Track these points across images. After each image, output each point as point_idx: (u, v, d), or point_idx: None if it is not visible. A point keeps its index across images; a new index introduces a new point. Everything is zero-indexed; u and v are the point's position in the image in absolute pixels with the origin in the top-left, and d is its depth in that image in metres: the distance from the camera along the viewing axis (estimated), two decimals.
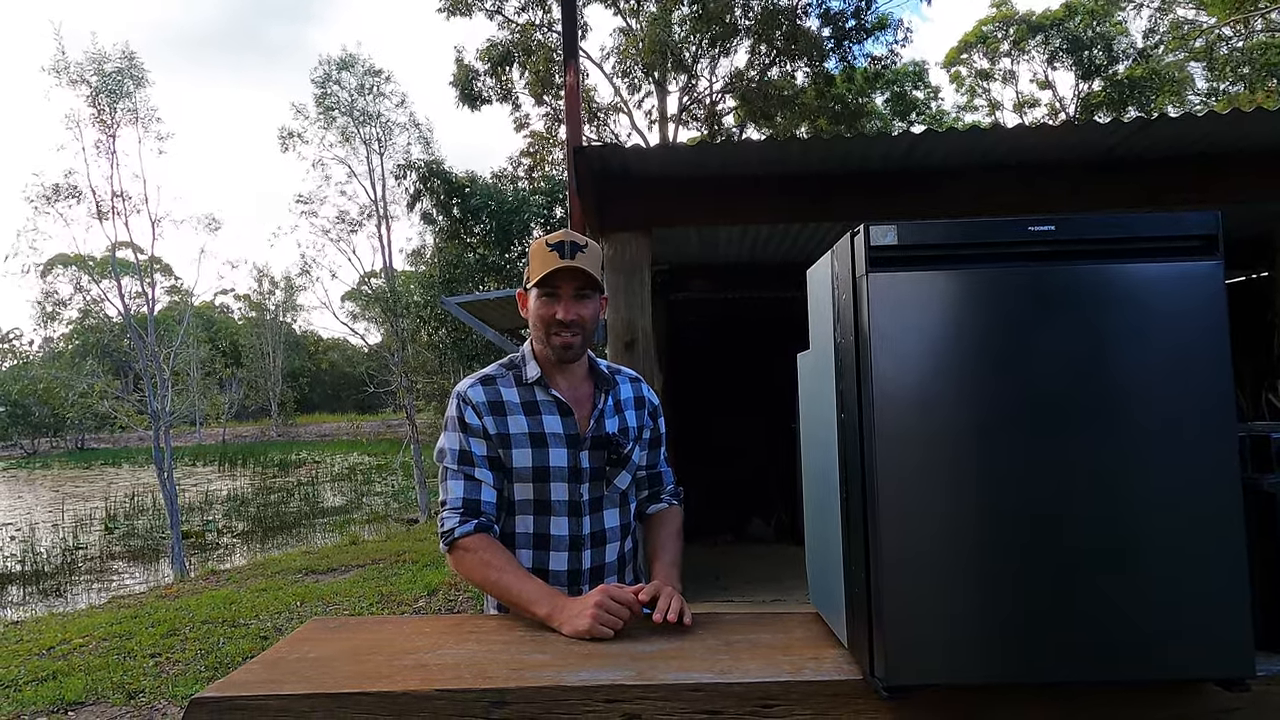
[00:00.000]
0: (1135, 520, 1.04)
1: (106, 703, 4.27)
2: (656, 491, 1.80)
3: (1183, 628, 1.03)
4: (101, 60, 11.30)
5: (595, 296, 1.65)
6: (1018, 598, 1.04)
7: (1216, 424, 1.04)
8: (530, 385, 1.66)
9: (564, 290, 1.62)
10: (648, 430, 1.77)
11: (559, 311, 1.61)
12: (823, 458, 1.35)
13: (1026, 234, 1.09)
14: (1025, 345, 1.07)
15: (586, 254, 1.62)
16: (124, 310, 10.87)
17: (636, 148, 3.07)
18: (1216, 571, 1.03)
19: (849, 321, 1.16)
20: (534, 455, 1.61)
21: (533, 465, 1.61)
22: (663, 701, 1.14)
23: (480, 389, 1.65)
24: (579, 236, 1.64)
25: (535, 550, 1.64)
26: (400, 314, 13.58)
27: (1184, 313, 1.06)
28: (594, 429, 1.66)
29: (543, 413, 1.64)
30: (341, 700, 1.15)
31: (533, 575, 1.54)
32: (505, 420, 1.62)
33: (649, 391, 1.82)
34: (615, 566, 1.69)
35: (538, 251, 1.63)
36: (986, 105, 29.32)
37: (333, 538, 11.81)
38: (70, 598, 8.86)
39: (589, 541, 1.65)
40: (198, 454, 26.98)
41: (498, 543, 1.59)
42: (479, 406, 1.62)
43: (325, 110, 16.06)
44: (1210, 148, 3.34)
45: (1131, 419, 1.05)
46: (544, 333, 1.64)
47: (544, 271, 1.59)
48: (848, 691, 1.15)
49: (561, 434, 1.63)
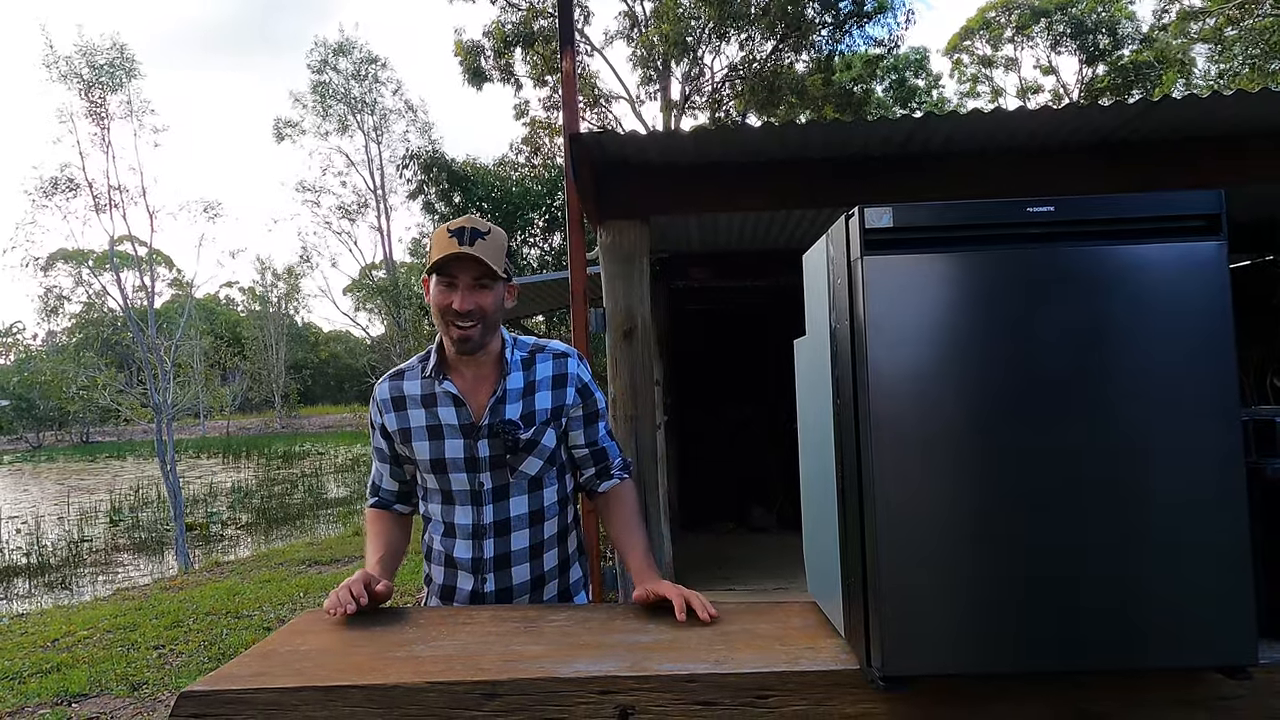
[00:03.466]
0: (1136, 506, 1.02)
1: (110, 695, 4.28)
2: (605, 468, 1.74)
3: (1184, 615, 1.01)
4: (92, 53, 11.23)
5: (497, 285, 1.60)
6: (1016, 586, 1.02)
7: (1220, 408, 1.02)
8: (430, 378, 1.66)
9: (461, 279, 1.57)
10: (577, 409, 1.70)
11: (455, 301, 1.57)
12: (819, 445, 1.33)
13: (1025, 215, 1.06)
14: (1023, 329, 1.04)
15: (487, 241, 1.57)
16: (124, 304, 10.87)
17: (634, 134, 3.03)
18: (1219, 558, 1.02)
19: (844, 306, 1.13)
20: (431, 448, 1.64)
21: (430, 457, 1.64)
22: (657, 693, 1.13)
23: (387, 385, 1.71)
24: (481, 223, 1.60)
25: (444, 538, 1.68)
26: (403, 305, 13.57)
27: (1186, 294, 1.04)
28: (489, 417, 1.63)
29: (439, 404, 1.65)
30: (331, 693, 1.14)
31: (380, 549, 1.68)
32: (406, 414, 1.67)
33: (577, 367, 1.72)
34: (526, 554, 1.66)
35: (439, 237, 1.59)
36: (989, 92, 29.11)
37: (336, 529, 11.84)
38: (75, 590, 8.89)
39: (491, 530, 1.64)
40: (202, 446, 27.05)
41: (383, 515, 1.76)
42: (381, 404, 1.70)
43: (321, 98, 16.00)
44: (1212, 130, 3.30)
45: (1133, 403, 1.03)
46: (442, 323, 1.61)
47: (439, 257, 1.55)
48: (844, 681, 1.13)
49: (456, 424, 1.64)
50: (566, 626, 1.39)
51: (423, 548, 1.78)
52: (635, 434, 3.33)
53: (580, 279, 3.35)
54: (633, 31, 17.24)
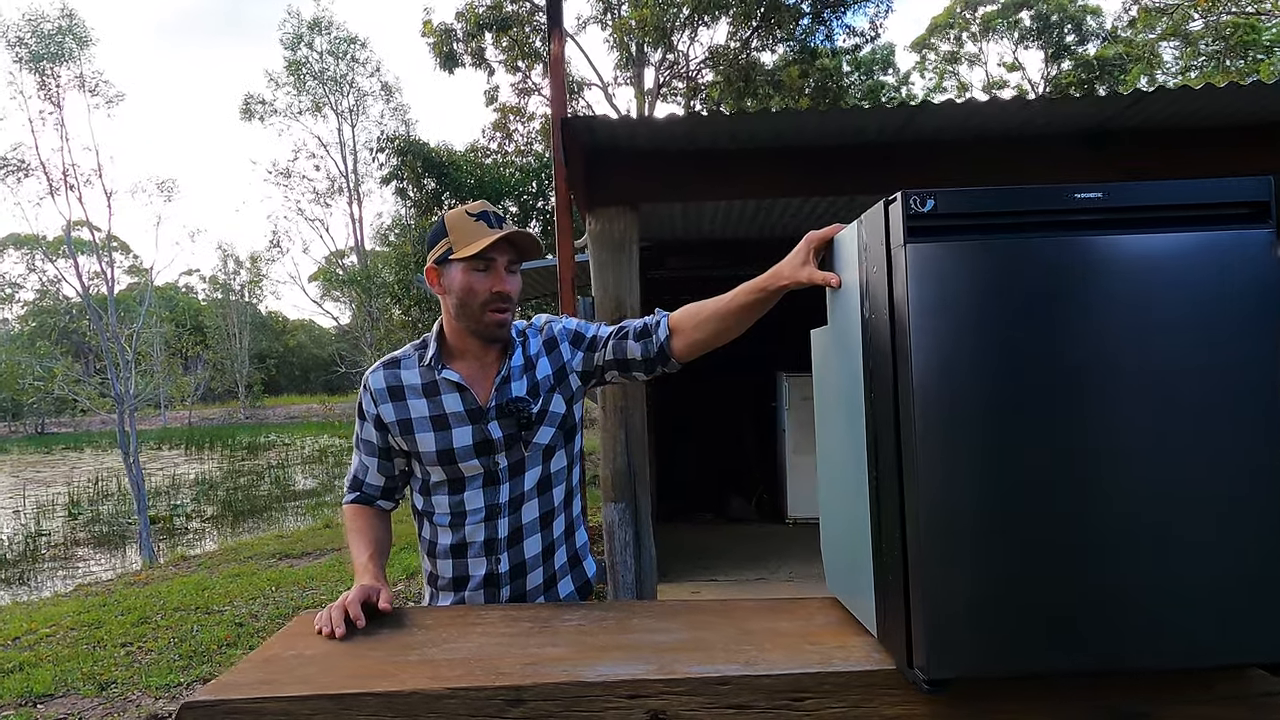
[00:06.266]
0: (1183, 500, 1.00)
1: (77, 694, 4.14)
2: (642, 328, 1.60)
3: (1229, 612, 1.00)
4: (39, 20, 10.77)
5: (519, 272, 1.61)
6: (1064, 584, 1.00)
7: (1268, 400, 1.00)
8: (430, 366, 1.61)
9: (499, 261, 1.55)
10: (578, 350, 1.64)
11: (497, 284, 1.54)
12: (843, 438, 1.30)
13: (1072, 201, 1.03)
14: (1069, 318, 1.01)
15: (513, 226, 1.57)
16: (83, 290, 10.52)
17: (626, 119, 2.97)
18: (1263, 554, 1.00)
19: (880, 295, 1.09)
20: (437, 439, 1.58)
21: (436, 449, 1.58)
22: (688, 696, 1.09)
23: (381, 374, 1.64)
24: (496, 209, 1.59)
25: (452, 527, 1.62)
26: (375, 294, 13.33)
27: (1234, 282, 1.01)
28: (496, 397, 1.59)
29: (442, 392, 1.60)
30: (345, 701, 1.08)
31: (368, 546, 1.57)
32: (405, 405, 1.61)
33: (559, 326, 1.67)
34: (537, 524, 1.62)
35: (460, 222, 1.55)
36: (956, 88, 29.40)
37: (305, 521, 11.62)
38: (35, 586, 8.62)
39: (506, 509, 1.60)
40: (163, 437, 26.40)
41: (366, 511, 1.66)
42: (376, 394, 1.62)
43: (296, 76, 15.60)
44: (1187, 121, 3.33)
45: (1180, 395, 1.00)
46: (478, 308, 1.56)
47: (480, 242, 1.51)
48: (881, 682, 1.10)
49: (462, 411, 1.59)
50: (583, 626, 1.35)
51: (421, 545, 1.71)
52: (625, 425, 3.28)
53: (568, 266, 3.29)
54: (605, 16, 17.05)
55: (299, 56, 16.09)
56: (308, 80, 16.02)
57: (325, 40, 15.88)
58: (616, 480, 3.23)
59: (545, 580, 1.66)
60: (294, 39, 16.18)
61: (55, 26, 10.67)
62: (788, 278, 1.39)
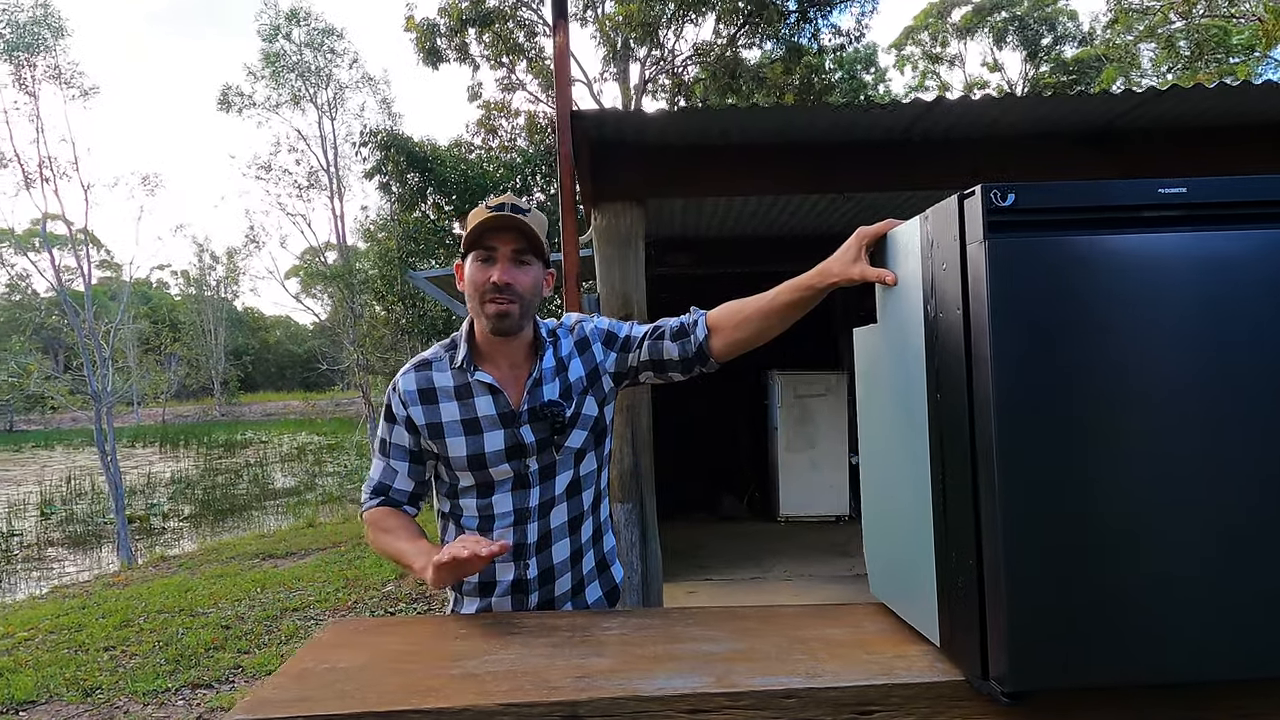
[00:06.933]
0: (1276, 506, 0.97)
1: (61, 700, 4.02)
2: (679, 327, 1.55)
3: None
4: (13, 10, 10.49)
5: (535, 265, 1.53)
6: (1153, 591, 0.96)
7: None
8: (461, 369, 1.55)
9: (500, 251, 1.49)
10: (610, 352, 1.59)
11: (494, 274, 1.47)
12: (897, 440, 1.26)
13: (1156, 196, 1.00)
14: (1157, 316, 0.98)
15: (528, 217, 1.49)
16: (58, 285, 10.26)
17: (637, 112, 2.93)
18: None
19: (951, 293, 1.05)
20: (469, 443, 1.53)
21: (467, 453, 1.53)
22: (753, 710, 1.04)
23: (412, 376, 1.58)
24: (520, 201, 1.51)
25: (480, 532, 1.56)
26: (357, 290, 13.15)
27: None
28: (528, 400, 1.54)
29: (475, 395, 1.54)
30: (392, 719, 1.02)
31: (414, 535, 1.53)
32: (436, 408, 1.55)
33: (591, 325, 1.62)
34: (566, 529, 1.58)
35: (475, 214, 1.51)
36: (936, 88, 29.62)
37: (286, 520, 11.46)
38: (8, 588, 8.41)
39: (535, 513, 1.55)
40: (137, 435, 25.94)
41: (397, 511, 1.59)
42: (406, 396, 1.56)
43: (273, 69, 15.32)
44: (1197, 121, 3.34)
45: (1271, 399, 0.97)
46: (478, 300, 1.50)
47: (478, 229, 1.46)
48: (948, 694, 1.06)
49: (494, 414, 1.53)
50: (626, 635, 1.29)
51: None
52: (631, 424, 3.23)
53: (573, 261, 3.23)
54: (586, 13, 16.93)
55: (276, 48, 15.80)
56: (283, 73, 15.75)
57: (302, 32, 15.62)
58: (623, 481, 3.18)
59: (574, 586, 1.61)
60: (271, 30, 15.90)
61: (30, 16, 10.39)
62: (838, 274, 1.35)
